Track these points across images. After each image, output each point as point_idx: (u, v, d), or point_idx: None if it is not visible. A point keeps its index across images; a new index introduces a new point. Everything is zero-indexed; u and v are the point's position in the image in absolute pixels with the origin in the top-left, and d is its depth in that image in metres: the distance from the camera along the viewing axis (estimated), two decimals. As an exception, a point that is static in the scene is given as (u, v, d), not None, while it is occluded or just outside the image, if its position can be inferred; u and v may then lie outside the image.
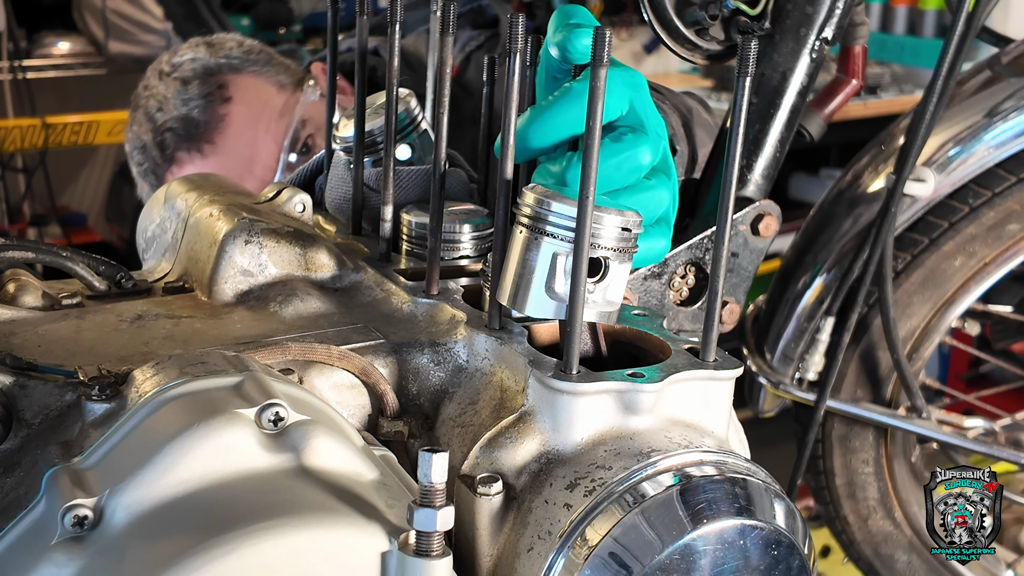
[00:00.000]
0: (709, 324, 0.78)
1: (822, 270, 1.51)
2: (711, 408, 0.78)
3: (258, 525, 0.61)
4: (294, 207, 1.03)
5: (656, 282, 1.08)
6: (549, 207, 0.75)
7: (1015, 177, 1.45)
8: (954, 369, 3.08)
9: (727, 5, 1.11)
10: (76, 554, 0.62)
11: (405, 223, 0.98)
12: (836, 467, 1.60)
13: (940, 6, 3.35)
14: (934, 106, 1.35)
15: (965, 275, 1.49)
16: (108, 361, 0.81)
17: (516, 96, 0.80)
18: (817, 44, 1.17)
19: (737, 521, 0.71)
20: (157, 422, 0.68)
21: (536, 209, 0.76)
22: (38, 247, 0.95)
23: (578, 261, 0.73)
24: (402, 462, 0.77)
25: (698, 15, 1.10)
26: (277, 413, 0.67)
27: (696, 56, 1.12)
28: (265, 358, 0.81)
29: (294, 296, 0.91)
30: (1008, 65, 1.49)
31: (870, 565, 1.65)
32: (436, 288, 0.89)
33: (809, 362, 1.51)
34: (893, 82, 3.24)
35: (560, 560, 0.70)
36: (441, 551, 0.62)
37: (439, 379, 0.85)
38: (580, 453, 0.74)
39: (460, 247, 0.95)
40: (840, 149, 3.51)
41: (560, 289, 0.76)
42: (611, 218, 0.76)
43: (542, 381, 0.74)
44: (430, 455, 0.62)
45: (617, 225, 0.76)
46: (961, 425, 1.59)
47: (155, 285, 0.98)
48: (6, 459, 0.76)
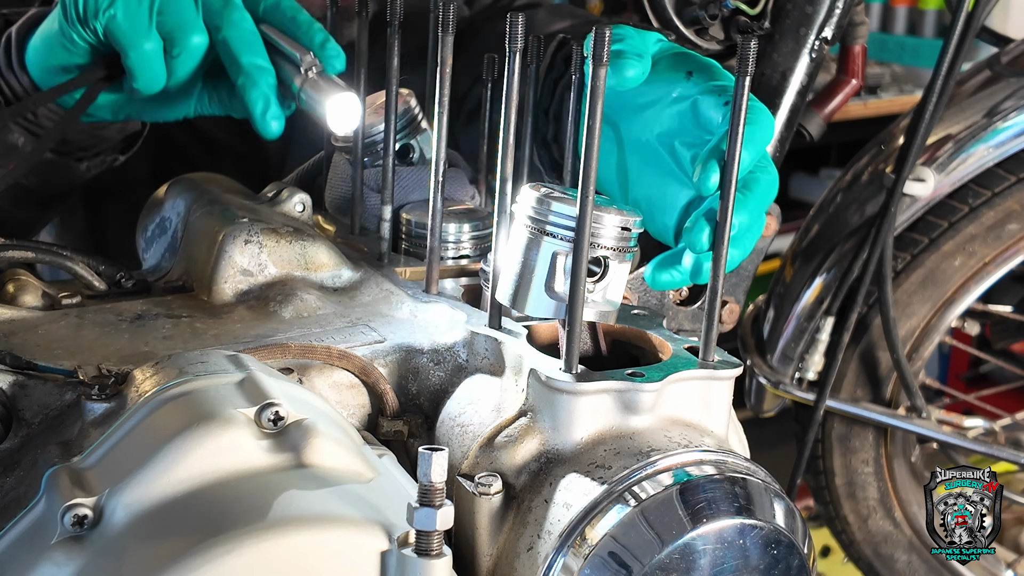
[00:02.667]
0: (709, 324, 0.78)
1: (822, 270, 1.51)
2: (711, 408, 0.78)
3: (258, 525, 0.61)
4: (294, 207, 1.03)
5: (656, 282, 1.08)
6: (550, 207, 0.75)
7: (1015, 177, 1.45)
8: (954, 369, 3.08)
9: (727, 5, 1.11)
10: (76, 553, 0.62)
11: (405, 223, 0.98)
12: (836, 467, 1.60)
13: (940, 6, 3.35)
14: (934, 106, 1.35)
15: (965, 275, 1.49)
16: (108, 361, 0.81)
17: (516, 96, 0.80)
18: (817, 44, 1.17)
19: (737, 520, 0.71)
20: (157, 422, 0.68)
21: (537, 209, 0.76)
22: (38, 247, 0.95)
23: (578, 261, 0.73)
24: (402, 462, 0.77)
25: (698, 14, 1.10)
26: (277, 412, 0.67)
27: (696, 56, 1.11)
28: (265, 358, 0.81)
29: (294, 296, 0.91)
30: (1008, 65, 1.49)
31: (870, 565, 1.65)
32: (436, 288, 0.89)
33: (809, 362, 1.51)
34: (893, 82, 3.23)
35: (560, 559, 0.70)
36: (441, 550, 0.62)
37: (439, 379, 0.85)
38: (580, 452, 0.74)
39: (460, 247, 0.95)
40: (840, 149, 3.51)
41: (560, 289, 0.76)
42: (611, 218, 0.76)
43: (542, 381, 0.74)
44: (430, 454, 0.62)
45: (617, 225, 0.76)
46: (961, 425, 1.59)
47: (155, 285, 0.98)
48: (6, 459, 0.76)
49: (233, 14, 0.95)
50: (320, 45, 0.95)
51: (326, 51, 0.95)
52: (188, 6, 0.94)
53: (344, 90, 0.92)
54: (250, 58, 0.94)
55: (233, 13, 0.95)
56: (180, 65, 0.95)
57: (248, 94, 0.94)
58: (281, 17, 0.97)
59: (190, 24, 0.94)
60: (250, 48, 0.95)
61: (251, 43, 0.95)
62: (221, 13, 0.95)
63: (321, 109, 0.91)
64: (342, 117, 0.91)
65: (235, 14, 0.95)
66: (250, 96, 0.94)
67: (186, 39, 0.94)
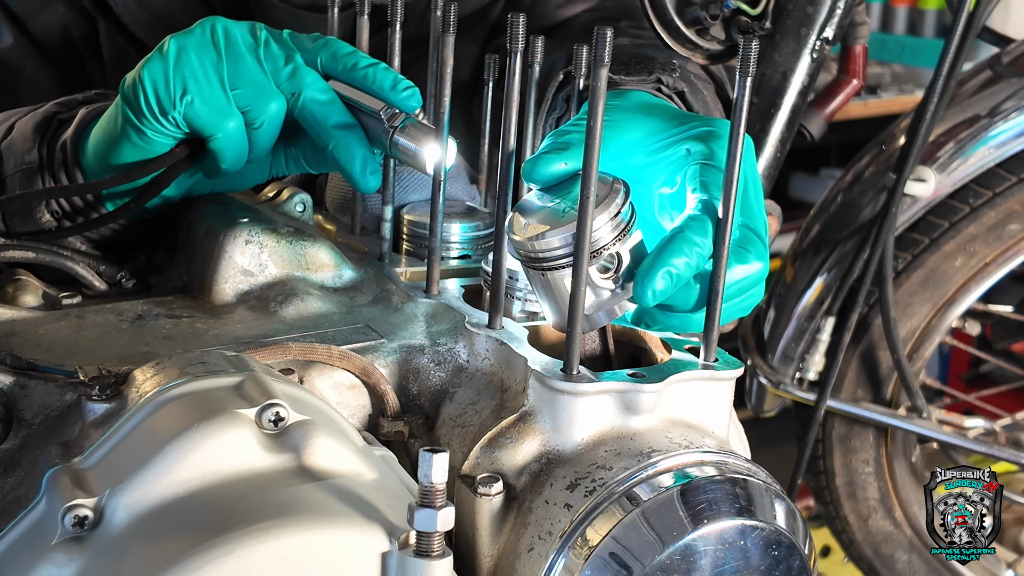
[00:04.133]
0: (709, 324, 0.78)
1: (823, 270, 1.51)
2: (712, 408, 0.78)
3: (258, 525, 0.61)
4: (294, 207, 1.03)
5: (656, 282, 1.08)
6: (535, 247, 0.76)
7: (1015, 177, 1.46)
8: (954, 369, 3.07)
9: (728, 5, 1.11)
10: (76, 554, 0.62)
11: (405, 223, 0.98)
12: (836, 467, 1.60)
13: (941, 6, 3.35)
14: (935, 106, 1.35)
15: (965, 275, 1.49)
16: (108, 361, 0.81)
17: (516, 96, 0.80)
18: (818, 44, 1.17)
19: (737, 521, 0.71)
20: (157, 422, 0.68)
21: (530, 253, 0.76)
22: (38, 247, 0.95)
23: (579, 263, 0.73)
24: (402, 462, 0.77)
25: (699, 15, 1.10)
26: (277, 413, 0.67)
27: (697, 56, 1.12)
28: (265, 358, 0.81)
29: (294, 296, 0.91)
30: (1009, 65, 1.49)
31: (870, 565, 1.65)
32: (436, 288, 0.89)
33: (809, 362, 1.51)
34: (893, 82, 3.23)
35: (560, 560, 0.70)
36: (441, 551, 0.62)
37: (439, 379, 0.85)
38: (581, 453, 0.74)
39: (460, 247, 0.95)
40: (840, 149, 3.51)
41: (590, 300, 0.76)
42: (601, 219, 0.75)
43: (543, 381, 0.74)
44: (430, 455, 0.62)
45: (606, 220, 0.76)
46: (961, 425, 1.59)
47: (155, 284, 0.98)
48: (6, 459, 0.76)
49: (306, 77, 0.92)
50: (392, 88, 0.92)
51: (399, 94, 0.91)
52: (258, 74, 0.91)
53: (435, 136, 0.89)
54: (336, 119, 0.92)
55: (306, 76, 0.92)
56: (263, 136, 0.92)
57: (343, 156, 0.92)
58: (343, 67, 0.93)
59: (266, 92, 0.91)
60: (332, 109, 0.92)
61: (331, 103, 0.92)
62: (293, 77, 0.92)
63: (420, 158, 0.89)
64: (438, 160, 0.89)
65: (307, 76, 0.92)
66: (346, 158, 0.91)
67: (265, 109, 0.91)
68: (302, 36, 0.95)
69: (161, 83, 0.90)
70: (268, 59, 0.92)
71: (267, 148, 0.94)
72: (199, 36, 0.91)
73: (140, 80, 0.90)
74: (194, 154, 0.94)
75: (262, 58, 0.91)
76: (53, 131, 1.00)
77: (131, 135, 0.92)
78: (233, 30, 0.92)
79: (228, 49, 0.91)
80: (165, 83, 0.89)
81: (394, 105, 0.91)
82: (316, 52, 0.94)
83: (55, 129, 1.00)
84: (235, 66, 0.91)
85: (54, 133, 0.99)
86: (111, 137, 0.94)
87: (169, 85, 0.89)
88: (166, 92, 0.90)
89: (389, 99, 0.92)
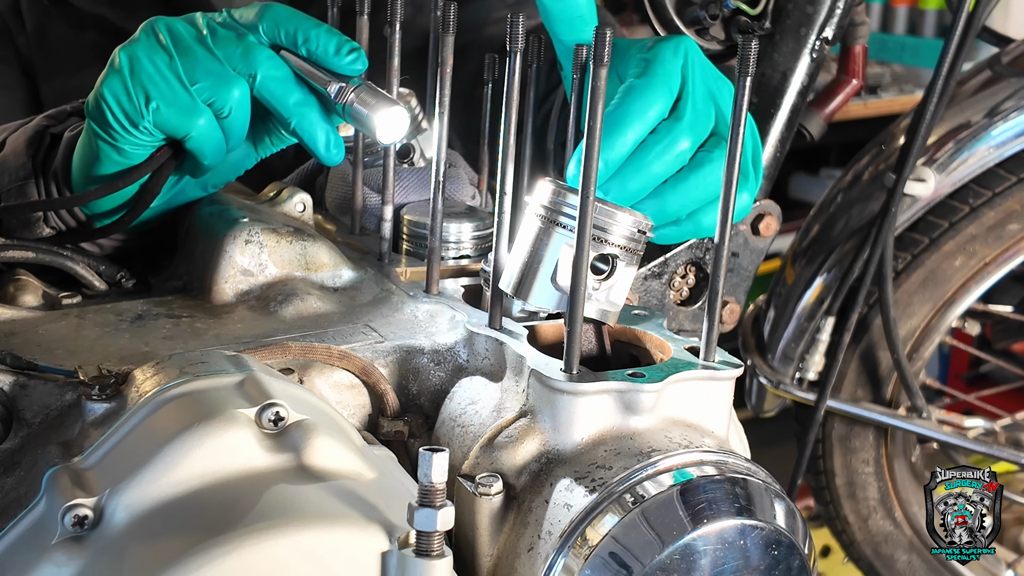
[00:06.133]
0: (709, 324, 0.78)
1: (822, 270, 1.51)
2: (711, 408, 0.78)
3: (258, 525, 0.61)
4: (294, 207, 1.03)
5: (656, 282, 1.08)
6: (565, 199, 0.77)
7: (1015, 177, 1.45)
8: (954, 369, 3.08)
9: (727, 5, 1.11)
10: (76, 554, 0.62)
11: (405, 223, 0.98)
12: (836, 467, 1.60)
13: (940, 6, 3.35)
14: (934, 106, 1.35)
15: (965, 275, 1.49)
16: (108, 361, 0.81)
17: (516, 96, 0.80)
18: (817, 44, 1.17)
19: (737, 521, 0.71)
20: (157, 422, 0.68)
21: (552, 200, 0.77)
22: (38, 247, 0.95)
23: (579, 256, 0.73)
24: (402, 462, 0.77)
25: (698, 15, 1.10)
26: (277, 413, 0.67)
27: (696, 56, 1.11)
28: (265, 358, 0.81)
29: (294, 296, 0.91)
30: (1008, 65, 1.49)
31: (870, 565, 1.65)
32: (436, 288, 0.89)
33: (809, 362, 1.51)
34: (893, 82, 3.23)
35: (560, 560, 0.70)
36: (441, 551, 0.62)
37: (439, 379, 0.85)
38: (580, 453, 0.74)
39: (460, 247, 0.95)
40: (840, 149, 3.51)
41: (564, 282, 0.76)
42: (625, 217, 0.77)
43: (542, 381, 0.74)
44: (430, 455, 0.62)
45: (629, 226, 0.77)
46: (961, 425, 1.59)
47: (155, 284, 0.98)
48: (6, 459, 0.76)
49: (258, 55, 0.91)
50: (336, 53, 0.91)
51: (343, 58, 0.91)
52: (212, 63, 0.90)
53: (389, 103, 0.88)
54: (294, 97, 0.91)
55: (258, 54, 0.91)
56: (235, 123, 0.91)
57: (305, 133, 0.91)
58: (287, 33, 0.92)
59: (225, 80, 0.90)
60: (287, 86, 0.91)
61: (285, 80, 0.91)
62: (246, 57, 0.91)
63: (370, 124, 0.89)
64: (390, 129, 0.89)
65: (260, 54, 0.91)
66: (308, 134, 0.91)
67: (229, 96, 0.90)
68: (239, 9, 0.94)
69: (123, 96, 0.89)
70: (218, 45, 0.91)
71: (243, 133, 0.93)
72: (145, 41, 0.91)
73: (102, 97, 0.90)
74: (176, 155, 0.94)
75: (211, 46, 0.91)
76: (46, 148, 0.99)
77: (108, 153, 0.92)
78: (175, 25, 0.91)
79: (176, 46, 0.90)
80: (127, 95, 0.89)
81: (338, 71, 0.91)
82: (258, 23, 0.92)
83: (48, 146, 1.00)
84: (188, 61, 0.90)
85: (47, 151, 0.99)
86: (89, 161, 0.94)
87: (132, 96, 0.89)
88: (130, 104, 0.89)
89: (333, 65, 0.91)
